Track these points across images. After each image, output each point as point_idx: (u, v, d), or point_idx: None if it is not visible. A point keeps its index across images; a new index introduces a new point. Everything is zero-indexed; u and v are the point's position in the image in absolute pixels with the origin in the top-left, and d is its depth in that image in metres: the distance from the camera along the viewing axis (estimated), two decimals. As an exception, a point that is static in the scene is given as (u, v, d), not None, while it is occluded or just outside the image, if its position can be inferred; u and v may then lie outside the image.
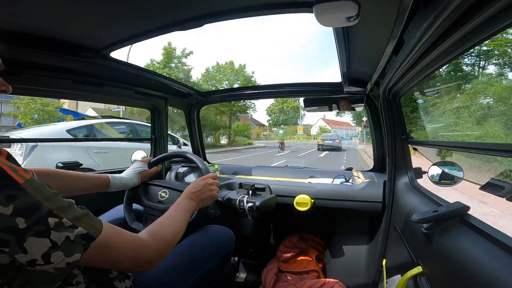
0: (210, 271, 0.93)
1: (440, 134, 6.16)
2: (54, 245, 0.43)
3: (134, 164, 1.17)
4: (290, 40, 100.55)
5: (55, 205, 0.45)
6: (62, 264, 0.44)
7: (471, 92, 5.27)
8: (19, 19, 0.71)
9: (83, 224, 0.48)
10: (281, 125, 45.62)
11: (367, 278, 1.35)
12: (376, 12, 0.62)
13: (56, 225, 0.44)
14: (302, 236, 1.72)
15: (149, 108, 1.69)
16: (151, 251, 0.58)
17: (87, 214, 0.50)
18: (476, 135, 4.90)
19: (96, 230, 0.50)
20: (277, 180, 1.56)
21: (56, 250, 0.43)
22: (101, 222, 0.52)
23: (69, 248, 0.45)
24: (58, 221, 0.44)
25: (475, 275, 0.48)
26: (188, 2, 0.69)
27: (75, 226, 0.46)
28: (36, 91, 1.14)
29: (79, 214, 0.48)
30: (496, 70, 11.14)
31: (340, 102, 1.41)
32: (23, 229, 0.41)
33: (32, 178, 0.45)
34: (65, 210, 0.46)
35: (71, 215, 0.47)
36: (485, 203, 3.78)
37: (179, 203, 0.81)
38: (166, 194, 1.11)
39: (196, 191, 0.87)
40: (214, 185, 0.92)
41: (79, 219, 0.48)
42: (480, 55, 9.70)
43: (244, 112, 26.79)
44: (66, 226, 0.45)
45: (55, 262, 0.43)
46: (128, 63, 1.16)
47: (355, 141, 33.56)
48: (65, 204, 0.47)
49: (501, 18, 0.43)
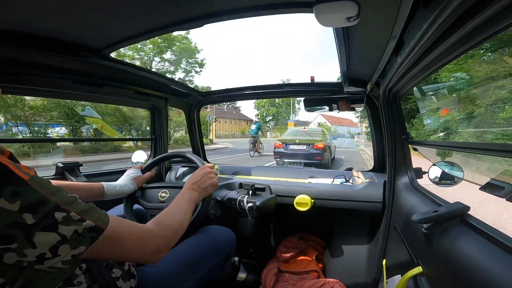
0: (212, 272, 0.93)
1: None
2: (64, 239, 0.44)
3: (128, 170, 1.15)
4: (290, 39, 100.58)
5: (61, 200, 0.46)
6: (68, 257, 0.45)
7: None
8: (19, 19, 0.71)
9: (90, 217, 0.48)
10: (269, 121, 40.63)
11: (367, 278, 1.35)
12: (376, 12, 0.62)
13: (64, 219, 0.44)
14: (302, 236, 1.72)
15: (149, 108, 1.69)
16: (159, 240, 0.59)
17: (93, 207, 0.51)
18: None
19: (103, 222, 0.50)
20: (277, 180, 1.56)
21: (64, 244, 0.44)
22: (107, 214, 0.53)
23: (77, 241, 0.45)
24: (66, 215, 0.45)
25: (475, 275, 0.47)
26: (188, 2, 0.69)
27: (83, 219, 0.47)
28: (36, 91, 1.14)
29: (85, 207, 0.49)
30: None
31: (340, 102, 1.42)
32: (32, 224, 0.41)
33: (35, 174, 0.45)
34: (71, 204, 0.47)
35: (78, 209, 0.47)
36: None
37: (182, 194, 0.82)
38: (166, 193, 1.11)
39: (196, 181, 0.88)
40: (213, 173, 0.93)
41: (86, 212, 0.48)
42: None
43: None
44: (74, 220, 0.46)
45: (62, 254, 0.44)
46: (128, 63, 1.16)
47: (359, 140, 27.58)
48: (70, 198, 0.48)
49: (501, 18, 0.43)
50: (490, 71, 4.26)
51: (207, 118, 20.94)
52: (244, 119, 45.48)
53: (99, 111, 12.16)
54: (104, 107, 12.22)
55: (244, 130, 41.39)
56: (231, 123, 43.08)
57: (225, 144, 21.99)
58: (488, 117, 4.70)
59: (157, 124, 1.72)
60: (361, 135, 30.44)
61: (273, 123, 42.72)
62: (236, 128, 43.18)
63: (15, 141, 9.55)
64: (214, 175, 0.94)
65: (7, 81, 0.97)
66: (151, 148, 1.75)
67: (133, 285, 0.68)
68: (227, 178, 1.61)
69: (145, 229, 0.59)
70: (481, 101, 4.79)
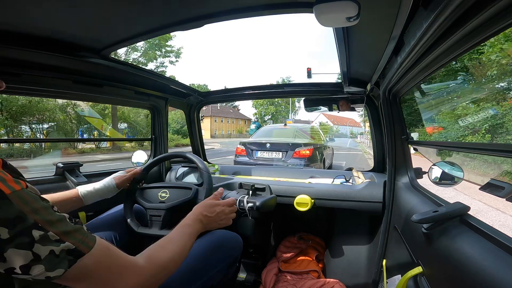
0: (215, 277, 0.90)
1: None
2: (37, 258, 0.42)
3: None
4: (290, 39, 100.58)
5: (42, 218, 0.44)
6: (41, 277, 0.43)
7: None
8: (19, 19, 0.71)
9: (72, 239, 0.46)
10: (268, 120, 37.72)
11: (367, 278, 1.35)
12: (376, 12, 0.62)
13: (41, 238, 0.42)
14: (302, 236, 1.72)
15: (149, 108, 1.69)
16: (145, 278, 0.55)
17: (80, 230, 0.48)
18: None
19: (87, 246, 0.47)
20: (277, 180, 1.56)
21: (38, 263, 0.42)
22: (95, 239, 0.50)
23: (53, 263, 0.43)
24: (43, 234, 0.43)
25: (475, 275, 0.47)
26: (188, 2, 0.69)
27: (61, 240, 0.45)
28: (36, 91, 1.14)
29: (70, 228, 0.46)
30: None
31: (340, 102, 1.42)
32: (5, 239, 0.40)
33: (22, 189, 0.44)
34: (54, 224, 0.45)
35: (60, 229, 0.45)
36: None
37: (186, 225, 0.73)
38: (166, 194, 1.11)
39: (210, 215, 0.79)
40: (233, 212, 0.86)
41: (68, 234, 0.46)
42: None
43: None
44: (52, 240, 0.44)
45: (33, 274, 0.42)
46: (128, 63, 1.16)
47: (362, 141, 26.16)
48: (55, 217, 0.45)
49: (501, 18, 0.43)
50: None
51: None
52: (242, 118, 44.72)
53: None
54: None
55: (242, 130, 40.64)
56: (228, 122, 42.14)
57: (213, 145, 19.96)
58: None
59: (157, 124, 1.73)
60: (364, 135, 28.73)
61: (272, 123, 42.12)
62: (233, 128, 42.44)
63: (15, 141, 9.54)
64: (233, 214, 0.86)
65: (7, 81, 0.96)
66: (151, 148, 1.75)
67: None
68: (227, 178, 1.61)
69: (132, 264, 0.54)
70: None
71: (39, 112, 10.66)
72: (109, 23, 0.79)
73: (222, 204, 0.83)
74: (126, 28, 0.84)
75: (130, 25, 0.82)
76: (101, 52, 0.97)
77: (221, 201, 0.85)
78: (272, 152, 4.96)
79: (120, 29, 0.84)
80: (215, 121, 38.82)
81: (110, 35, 0.88)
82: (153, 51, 16.27)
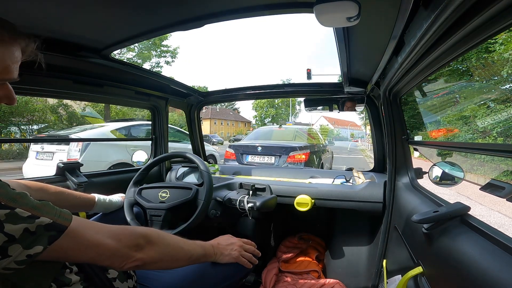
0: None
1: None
2: (11, 239, 0.40)
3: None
4: (290, 39, 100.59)
5: (3, 197, 0.41)
6: (22, 257, 0.41)
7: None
8: (19, 20, 0.71)
9: (46, 214, 0.44)
10: (268, 123, 36.34)
11: (368, 278, 1.35)
12: (376, 12, 0.62)
13: (9, 217, 0.40)
14: (302, 236, 1.72)
15: (149, 108, 1.69)
16: (140, 240, 0.54)
17: (47, 204, 0.46)
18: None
19: (65, 219, 0.46)
20: (277, 180, 1.56)
21: (13, 244, 0.40)
22: (68, 211, 0.48)
23: (29, 240, 0.42)
24: (9, 212, 0.41)
25: (476, 275, 0.47)
26: (188, 2, 0.69)
27: (35, 215, 0.43)
28: (37, 91, 1.14)
29: (37, 204, 0.44)
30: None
31: (341, 102, 1.42)
32: None
33: None
34: (16, 199, 0.42)
35: (27, 205, 0.43)
36: None
37: (197, 241, 0.74)
38: (166, 194, 1.11)
39: (222, 243, 0.81)
40: (244, 250, 0.84)
41: (38, 209, 0.44)
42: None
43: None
44: (22, 217, 0.42)
45: (13, 255, 0.40)
46: (128, 63, 1.16)
47: (364, 144, 25.25)
48: (15, 194, 0.43)
49: (501, 18, 0.43)
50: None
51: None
52: (242, 121, 44.57)
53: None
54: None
55: (242, 133, 40.08)
56: (228, 124, 41.99)
57: (210, 147, 19.20)
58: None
59: (158, 124, 1.73)
60: (365, 138, 28.07)
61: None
62: (233, 130, 42.25)
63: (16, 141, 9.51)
64: (247, 254, 0.85)
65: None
66: (151, 148, 1.75)
67: (131, 285, 0.67)
68: (228, 178, 1.61)
69: (123, 227, 0.54)
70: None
71: (29, 113, 10.48)
72: (109, 23, 0.79)
73: (240, 239, 0.86)
74: (126, 28, 0.84)
75: (131, 25, 0.82)
76: (102, 52, 0.97)
77: (241, 239, 0.87)
78: (264, 157, 4.51)
79: (121, 29, 0.84)
80: (214, 124, 38.63)
81: (111, 35, 0.88)
82: (148, 51, 16.02)
